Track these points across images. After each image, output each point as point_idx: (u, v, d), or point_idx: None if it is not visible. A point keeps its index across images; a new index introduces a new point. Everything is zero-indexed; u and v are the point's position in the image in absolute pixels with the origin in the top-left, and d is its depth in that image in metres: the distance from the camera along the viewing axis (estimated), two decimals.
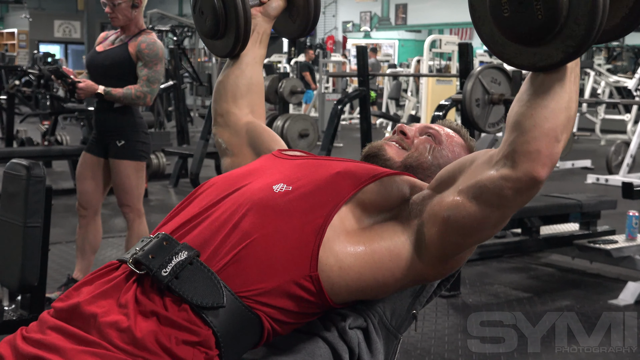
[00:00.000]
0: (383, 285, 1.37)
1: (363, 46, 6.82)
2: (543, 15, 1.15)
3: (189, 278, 1.27)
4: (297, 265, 1.31)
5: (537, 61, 1.20)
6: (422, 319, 3.78)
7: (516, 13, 1.17)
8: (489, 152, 1.30)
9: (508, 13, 1.17)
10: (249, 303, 1.29)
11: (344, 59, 16.99)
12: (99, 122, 3.93)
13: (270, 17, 1.79)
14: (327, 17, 24.19)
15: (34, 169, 2.67)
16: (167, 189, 7.60)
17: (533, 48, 1.19)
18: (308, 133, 6.52)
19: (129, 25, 3.84)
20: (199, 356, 1.24)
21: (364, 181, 1.40)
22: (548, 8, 1.14)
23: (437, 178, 1.38)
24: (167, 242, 1.32)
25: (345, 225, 1.36)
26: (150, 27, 10.87)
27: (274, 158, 1.56)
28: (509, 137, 1.23)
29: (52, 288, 3.89)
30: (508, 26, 1.19)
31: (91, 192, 3.92)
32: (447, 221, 1.31)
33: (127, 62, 3.80)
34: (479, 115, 4.79)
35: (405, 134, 1.61)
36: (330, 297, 1.34)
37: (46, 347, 1.22)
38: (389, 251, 1.35)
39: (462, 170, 1.33)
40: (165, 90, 8.99)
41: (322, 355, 1.37)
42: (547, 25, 1.15)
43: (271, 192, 1.37)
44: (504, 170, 1.23)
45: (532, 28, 1.17)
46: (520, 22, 1.17)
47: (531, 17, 1.16)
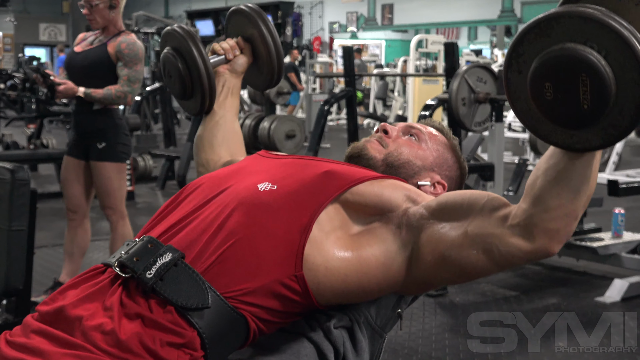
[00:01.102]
0: (367, 291, 1.37)
1: (349, 47, 6.82)
2: (589, 105, 1.10)
3: (173, 280, 1.27)
4: (282, 264, 1.31)
5: (574, 143, 1.15)
6: (410, 318, 3.79)
7: (560, 98, 1.11)
8: (502, 204, 1.28)
9: (551, 96, 1.12)
10: (234, 303, 1.29)
11: (330, 59, 17.00)
12: (78, 125, 3.91)
13: (238, 73, 1.82)
14: (313, 18, 24.21)
15: (18, 172, 2.66)
16: (154, 192, 7.58)
17: (571, 130, 1.14)
18: (295, 134, 6.52)
19: (107, 26, 3.83)
20: (183, 358, 1.24)
21: (350, 182, 1.40)
22: (596, 99, 1.09)
23: (439, 203, 1.35)
24: (152, 244, 1.32)
25: (333, 225, 1.35)
26: (136, 30, 10.85)
27: (260, 158, 1.56)
28: (530, 208, 1.21)
29: (38, 292, 3.88)
30: (548, 108, 1.13)
31: (78, 195, 3.91)
32: (445, 258, 1.31)
33: (106, 62, 3.78)
34: (465, 114, 4.81)
35: (387, 132, 1.61)
36: (316, 297, 1.34)
37: (30, 350, 1.21)
38: (376, 260, 1.34)
39: (470, 210, 1.30)
40: (151, 92, 8.97)
41: (308, 354, 1.37)
42: (592, 115, 1.11)
43: (256, 190, 1.37)
44: (519, 240, 1.22)
45: (575, 115, 1.11)
46: (564, 108, 1.11)
47: (576, 104, 1.10)
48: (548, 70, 1.11)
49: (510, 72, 1.16)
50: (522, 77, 1.15)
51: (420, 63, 13.27)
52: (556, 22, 1.11)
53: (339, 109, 15.33)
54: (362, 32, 23.68)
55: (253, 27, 1.76)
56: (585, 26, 1.09)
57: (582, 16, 1.09)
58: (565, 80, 1.10)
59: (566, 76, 1.10)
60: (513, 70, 1.16)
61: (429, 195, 1.53)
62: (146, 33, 11.44)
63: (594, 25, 1.08)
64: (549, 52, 1.11)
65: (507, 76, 1.17)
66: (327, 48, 22.47)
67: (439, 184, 1.58)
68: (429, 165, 1.58)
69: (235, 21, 1.81)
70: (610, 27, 1.07)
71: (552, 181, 1.19)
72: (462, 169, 1.63)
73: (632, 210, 5.84)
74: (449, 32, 22.64)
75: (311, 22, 24.24)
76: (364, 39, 23.29)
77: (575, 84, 1.10)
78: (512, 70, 1.16)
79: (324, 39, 23.57)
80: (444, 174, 1.59)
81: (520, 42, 1.14)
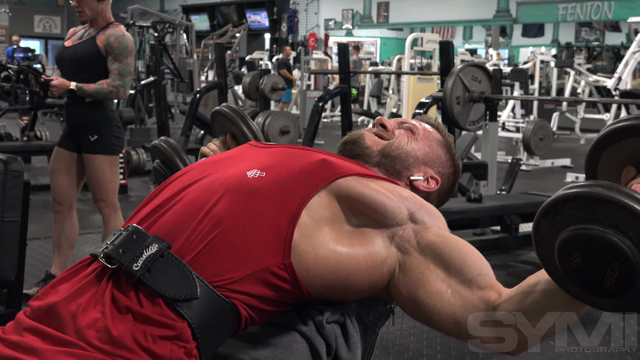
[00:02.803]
0: (355, 289, 1.36)
1: (344, 43, 6.82)
2: (611, 286, 1.09)
3: (160, 271, 1.26)
4: (270, 252, 1.30)
5: (584, 299, 1.16)
6: (402, 315, 3.76)
7: (586, 269, 1.10)
8: (489, 285, 1.30)
9: (577, 265, 1.11)
10: (223, 292, 1.28)
11: (325, 56, 17.00)
12: (70, 117, 3.90)
13: None
14: (309, 14, 24.19)
15: (11, 164, 2.65)
16: (148, 185, 7.57)
17: (586, 293, 1.15)
18: (289, 130, 6.52)
19: (96, 18, 3.82)
20: (177, 351, 1.24)
21: (340, 173, 1.39)
22: (620, 285, 1.09)
23: (432, 245, 1.34)
24: (137, 235, 1.31)
25: (324, 215, 1.34)
26: (131, 23, 10.82)
27: (250, 147, 1.55)
28: (503, 317, 1.25)
29: (30, 284, 3.87)
30: (571, 271, 1.12)
31: (66, 187, 3.90)
32: (416, 301, 1.33)
33: (96, 56, 3.77)
34: (459, 113, 4.82)
35: (385, 126, 1.61)
36: (305, 286, 1.33)
37: (23, 348, 1.21)
38: (365, 262, 1.34)
39: (459, 273, 1.31)
40: (146, 86, 8.95)
41: (299, 349, 1.37)
42: (611, 294, 1.11)
43: (245, 177, 1.37)
44: (487, 341, 1.28)
45: (595, 287, 1.11)
46: (586, 277, 1.11)
47: (599, 281, 1.09)
48: (583, 243, 1.10)
49: (543, 220, 1.15)
50: (553, 231, 1.14)
51: (415, 61, 13.29)
52: (604, 204, 1.08)
53: (332, 106, 15.33)
54: (358, 29, 23.66)
55: (234, 127, 1.77)
56: (633, 221, 1.07)
57: (632, 211, 1.07)
58: (597, 259, 1.09)
59: (599, 257, 1.09)
60: (547, 219, 1.15)
61: (423, 188, 1.54)
62: (141, 27, 11.43)
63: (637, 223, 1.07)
64: (589, 229, 1.09)
65: (539, 222, 1.16)
66: (322, 45, 22.47)
67: (432, 178, 1.57)
68: (423, 159, 1.58)
69: (219, 121, 1.83)
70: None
71: (544, 312, 1.23)
72: (456, 167, 1.63)
73: None
74: (444, 31, 22.68)
75: (307, 19, 24.21)
76: (359, 37, 23.28)
77: (605, 267, 1.09)
78: (546, 219, 1.15)
79: (319, 35, 23.56)
80: (437, 170, 1.59)
81: (562, 204, 1.12)
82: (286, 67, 14.44)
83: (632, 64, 8.92)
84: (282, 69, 13.89)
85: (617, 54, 18.15)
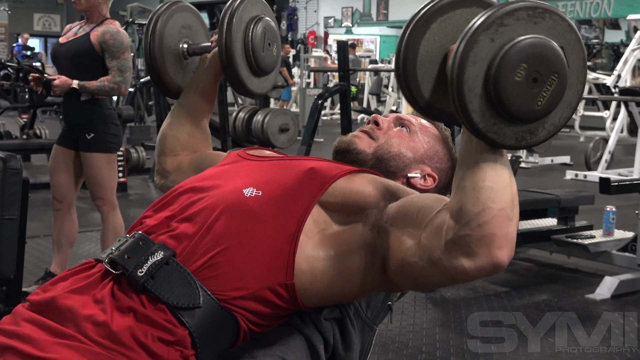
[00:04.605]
0: (352, 293, 1.37)
1: (343, 41, 6.82)
2: (542, 105, 1.10)
3: (165, 278, 1.27)
4: (271, 273, 1.31)
5: (490, 131, 1.13)
6: (401, 312, 3.79)
7: (525, 85, 1.09)
8: (440, 212, 1.23)
9: (520, 79, 1.09)
10: (226, 305, 1.29)
11: (325, 54, 16.99)
12: (67, 115, 3.91)
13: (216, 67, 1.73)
14: (308, 12, 24.18)
15: (10, 161, 2.65)
16: (147, 183, 7.57)
17: (497, 118, 1.12)
18: (288, 128, 6.50)
19: (92, 12, 3.81)
20: (174, 354, 1.24)
21: (329, 178, 1.39)
22: (548, 103, 1.11)
23: (398, 208, 1.32)
24: (143, 242, 1.32)
25: (319, 228, 1.35)
26: (131, 21, 10.81)
27: (241, 160, 1.55)
28: (455, 226, 1.16)
29: (29, 282, 3.87)
30: (506, 87, 1.09)
31: (65, 185, 3.90)
32: (402, 266, 1.27)
33: (90, 52, 3.76)
34: None
35: (378, 124, 1.60)
36: (303, 302, 1.34)
37: (20, 337, 1.21)
38: (357, 266, 1.33)
39: (424, 218, 1.26)
40: (145, 84, 8.95)
41: (297, 345, 1.37)
42: (533, 116, 1.11)
43: (242, 196, 1.36)
44: (460, 261, 1.17)
45: (523, 108, 1.10)
46: (520, 95, 1.10)
47: (532, 100, 1.10)
48: (532, 54, 1.10)
49: (483, 35, 1.10)
50: (493, 46, 1.10)
51: None
52: (550, 16, 1.13)
53: (332, 103, 15.32)
54: (357, 27, 23.64)
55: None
56: (567, 34, 1.13)
57: (570, 24, 1.14)
58: (542, 71, 1.10)
59: (544, 69, 1.10)
60: (488, 34, 1.10)
61: (420, 186, 1.54)
62: (141, 25, 11.40)
63: (573, 38, 1.14)
64: (541, 38, 1.11)
65: (477, 38, 1.09)
66: (322, 43, 22.45)
67: (429, 176, 1.57)
68: (420, 157, 1.58)
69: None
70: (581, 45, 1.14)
71: (468, 191, 1.16)
72: (454, 161, 1.63)
73: (623, 208, 5.85)
74: None
75: (306, 17, 24.20)
76: (358, 35, 23.26)
77: (546, 80, 1.10)
78: (487, 34, 1.10)
79: (318, 33, 23.54)
80: (434, 166, 1.59)
81: (509, 14, 1.10)
82: (286, 65, 14.43)
83: (632, 62, 8.92)
84: (282, 66, 13.87)
85: (617, 52, 18.12)
